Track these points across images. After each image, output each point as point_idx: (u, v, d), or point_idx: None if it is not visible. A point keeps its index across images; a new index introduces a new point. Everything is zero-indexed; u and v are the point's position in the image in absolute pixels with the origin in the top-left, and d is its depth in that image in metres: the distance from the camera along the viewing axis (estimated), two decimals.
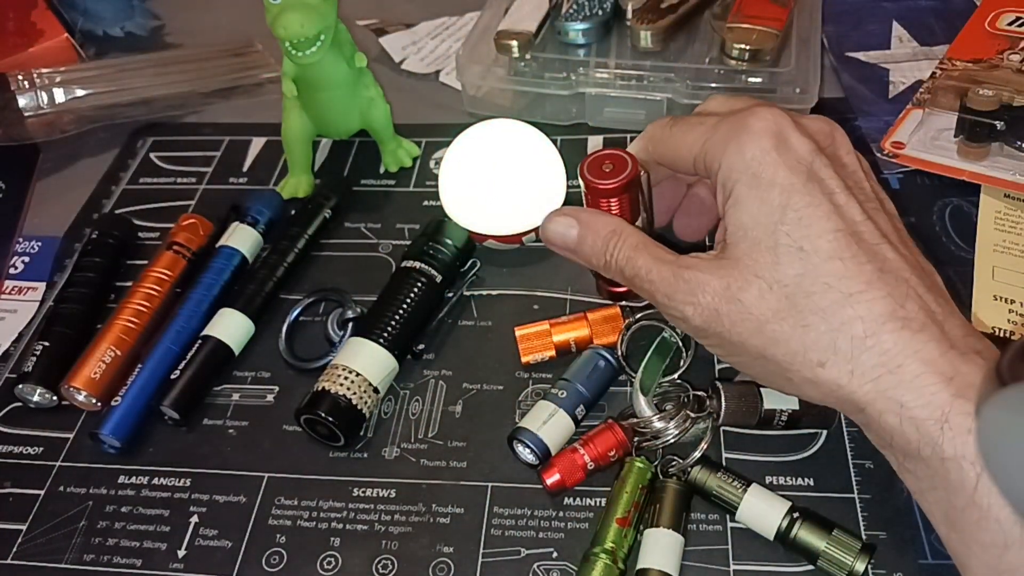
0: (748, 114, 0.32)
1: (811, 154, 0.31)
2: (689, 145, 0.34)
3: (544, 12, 0.54)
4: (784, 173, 0.30)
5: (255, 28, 0.58)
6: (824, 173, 0.31)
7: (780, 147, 0.31)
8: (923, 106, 0.50)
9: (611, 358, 0.39)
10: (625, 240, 0.34)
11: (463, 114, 0.55)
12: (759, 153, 0.31)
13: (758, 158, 0.31)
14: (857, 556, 0.32)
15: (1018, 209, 0.46)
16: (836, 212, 0.30)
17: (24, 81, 0.57)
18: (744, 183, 0.31)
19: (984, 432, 0.25)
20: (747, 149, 0.31)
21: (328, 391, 0.38)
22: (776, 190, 0.30)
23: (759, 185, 0.31)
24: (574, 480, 0.36)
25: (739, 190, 0.31)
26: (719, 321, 0.31)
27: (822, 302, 0.29)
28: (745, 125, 0.31)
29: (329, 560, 0.36)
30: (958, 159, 0.47)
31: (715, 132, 0.32)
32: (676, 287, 0.32)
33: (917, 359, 0.28)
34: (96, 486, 0.39)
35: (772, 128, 0.31)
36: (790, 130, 0.31)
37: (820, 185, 0.31)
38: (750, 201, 0.31)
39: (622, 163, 0.36)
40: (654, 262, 0.33)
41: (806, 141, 0.31)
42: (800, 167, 0.31)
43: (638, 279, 0.33)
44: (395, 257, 0.47)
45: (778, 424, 0.37)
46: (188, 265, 0.46)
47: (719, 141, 0.32)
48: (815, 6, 0.55)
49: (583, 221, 0.35)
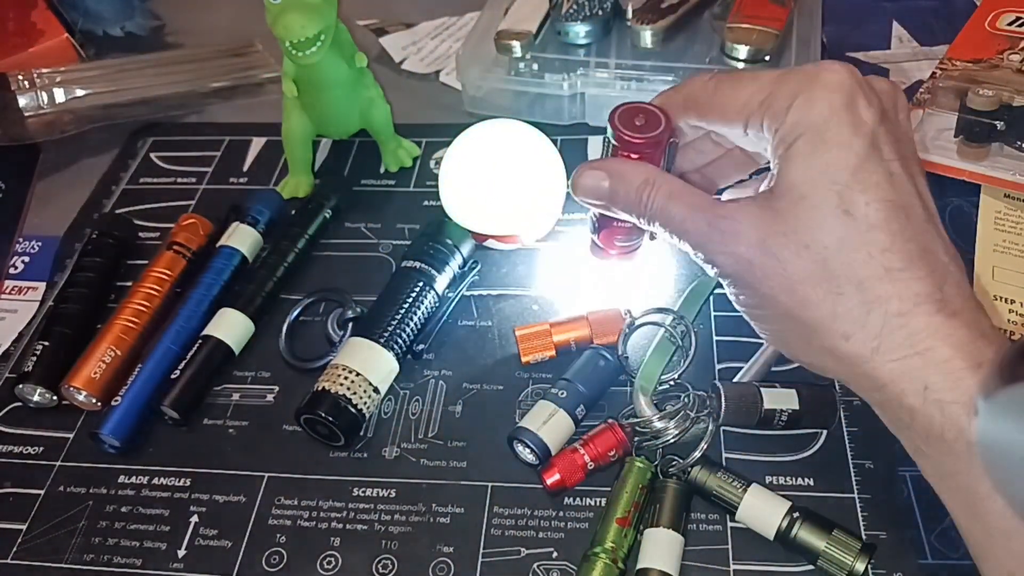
0: (820, 67, 0.31)
1: (876, 118, 0.30)
2: (745, 100, 0.32)
3: (544, 12, 0.54)
4: (848, 134, 0.30)
5: (255, 28, 0.58)
6: (884, 139, 0.30)
7: (849, 106, 0.30)
8: (923, 106, 0.50)
9: (611, 358, 0.39)
10: (659, 189, 0.33)
11: (463, 114, 0.55)
12: (828, 110, 0.30)
13: (826, 114, 0.30)
14: (857, 556, 0.32)
15: (1018, 209, 0.46)
16: (890, 181, 0.30)
17: (24, 81, 0.57)
18: (807, 138, 0.30)
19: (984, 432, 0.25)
20: (817, 103, 0.30)
21: (328, 391, 0.38)
22: (836, 150, 0.30)
23: (822, 143, 0.30)
24: (574, 480, 0.36)
25: (800, 144, 0.30)
26: (751, 272, 0.30)
27: (861, 272, 0.29)
28: (817, 78, 0.30)
29: (329, 560, 0.36)
30: (958, 159, 0.47)
31: (780, 85, 0.31)
32: (710, 236, 0.31)
33: (948, 343, 0.28)
34: (96, 486, 0.39)
35: (845, 84, 0.30)
36: (860, 91, 0.30)
37: (879, 152, 0.30)
38: (808, 157, 0.30)
39: (655, 119, 0.34)
40: (689, 210, 0.32)
41: (874, 104, 0.30)
42: (865, 129, 0.30)
43: (672, 227, 0.32)
44: (395, 257, 0.47)
45: (778, 424, 0.37)
46: (188, 265, 0.46)
47: (786, 93, 0.31)
48: (815, 6, 0.55)
49: (614, 172, 0.34)
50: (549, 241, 0.47)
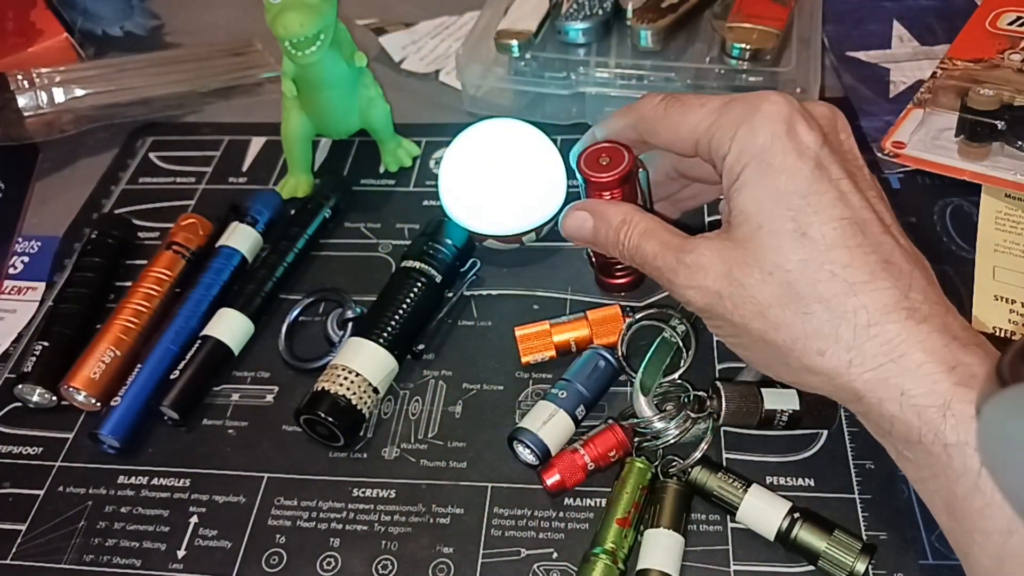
0: (759, 98, 0.32)
1: (819, 142, 0.31)
2: (691, 127, 0.33)
3: (544, 12, 0.54)
4: (793, 159, 0.30)
5: (255, 28, 0.58)
6: (829, 160, 0.31)
7: (790, 133, 0.31)
8: (924, 106, 0.50)
9: (611, 358, 0.39)
10: (634, 227, 0.34)
11: (463, 114, 0.55)
12: (769, 138, 0.31)
13: (768, 143, 0.31)
14: (858, 557, 0.32)
15: (1019, 209, 0.46)
16: (841, 199, 0.30)
17: (24, 81, 0.56)
18: (752, 167, 0.31)
19: (984, 432, 0.25)
20: (758, 133, 0.31)
21: (328, 391, 0.38)
22: (784, 176, 0.30)
23: (767, 170, 0.31)
24: (574, 480, 0.36)
25: (747, 174, 0.31)
26: (721, 303, 0.31)
27: (826, 290, 0.30)
28: (757, 108, 0.31)
29: (329, 560, 0.36)
30: (959, 159, 0.47)
31: (723, 114, 0.32)
32: (678, 272, 0.32)
33: (920, 348, 0.28)
34: (95, 486, 0.39)
35: (784, 113, 0.31)
36: (799, 116, 0.31)
37: (827, 172, 0.31)
38: (757, 186, 0.31)
39: (619, 156, 0.37)
40: (660, 247, 0.33)
41: (814, 128, 0.31)
42: (809, 153, 0.31)
43: (646, 265, 0.34)
44: (395, 257, 0.47)
45: (779, 424, 0.37)
46: (187, 265, 0.46)
47: (729, 124, 0.32)
48: (815, 6, 0.55)
49: (596, 212, 0.36)
50: (549, 241, 0.46)
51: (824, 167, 0.31)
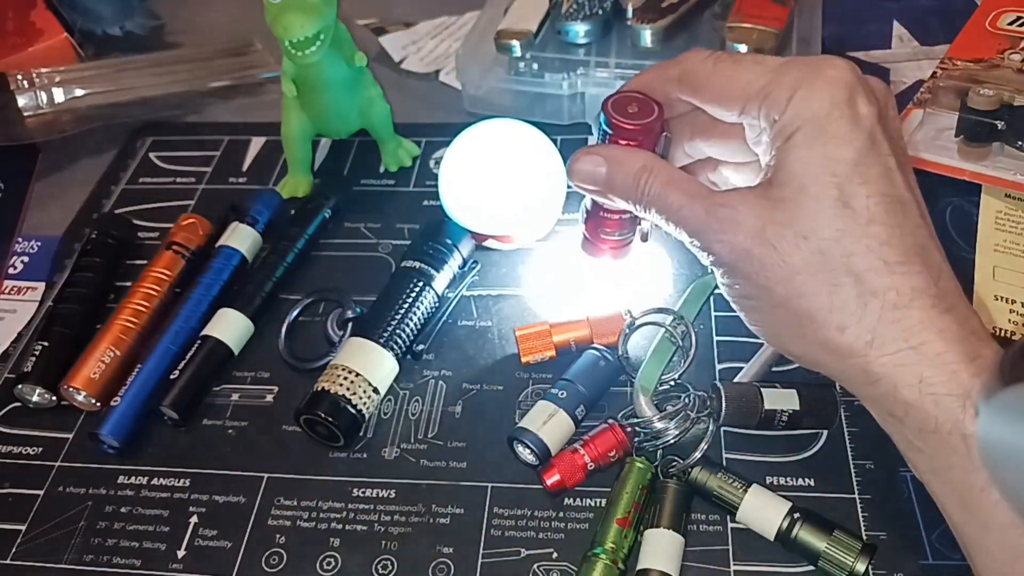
0: (824, 62, 0.31)
1: (874, 115, 0.31)
2: (744, 83, 0.32)
3: (544, 11, 0.54)
4: (848, 128, 0.30)
5: (255, 27, 0.58)
6: (881, 136, 0.31)
7: (851, 101, 0.30)
8: (924, 106, 0.50)
9: (611, 358, 0.39)
10: (656, 175, 0.33)
11: (463, 114, 0.55)
12: (829, 104, 0.30)
13: (827, 108, 0.30)
14: (858, 557, 0.32)
15: (1019, 209, 0.46)
16: (888, 177, 0.30)
17: (23, 81, 0.56)
18: (807, 130, 0.30)
19: (984, 432, 0.25)
20: (818, 96, 0.30)
21: (328, 391, 0.38)
22: (837, 143, 0.30)
23: (823, 135, 0.30)
24: (574, 480, 0.36)
25: (800, 136, 0.30)
26: (748, 261, 0.30)
27: (860, 264, 0.29)
28: (820, 72, 0.31)
29: (329, 560, 0.36)
30: (959, 159, 0.47)
31: (783, 73, 0.31)
32: (708, 224, 0.31)
33: (942, 337, 0.28)
34: (95, 486, 0.39)
35: (847, 80, 0.30)
36: (861, 87, 0.31)
37: (878, 147, 0.30)
38: (809, 149, 0.30)
39: (648, 108, 0.34)
40: (687, 198, 0.32)
41: (873, 101, 0.31)
42: (864, 124, 0.30)
43: (670, 215, 0.32)
44: (395, 257, 0.47)
45: (778, 424, 0.37)
46: (187, 265, 0.46)
47: (788, 83, 0.31)
48: (815, 5, 0.55)
49: (612, 158, 0.34)
50: (549, 241, 0.46)
51: (877, 141, 0.30)
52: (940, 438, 0.28)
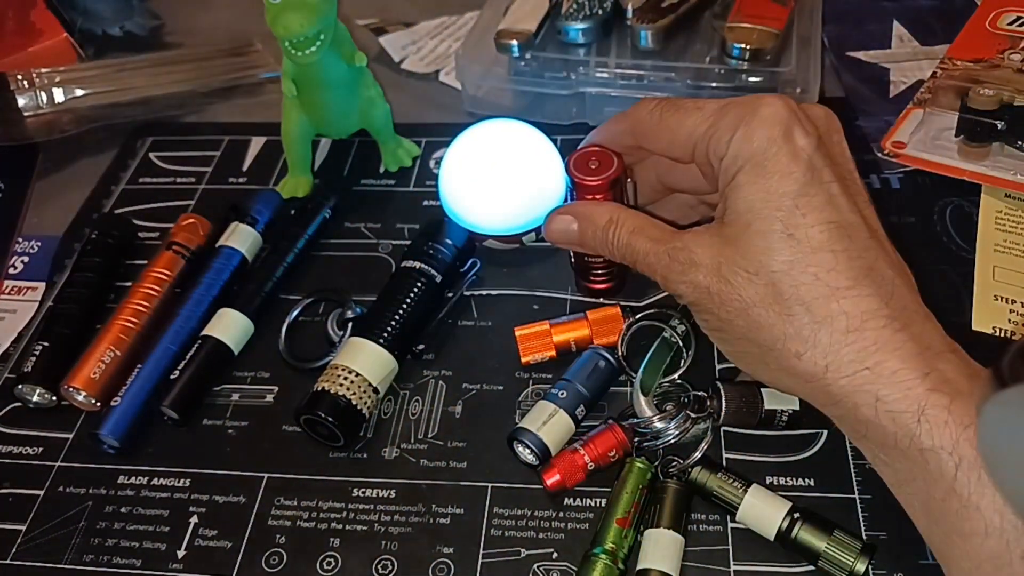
0: (757, 101, 0.32)
1: (813, 145, 0.32)
2: (688, 131, 0.34)
3: (544, 11, 0.54)
4: (786, 162, 0.31)
5: (255, 27, 0.58)
6: (822, 163, 0.31)
7: (786, 136, 0.31)
8: (924, 106, 0.50)
9: (611, 358, 0.39)
10: (622, 226, 0.35)
11: (463, 114, 0.55)
12: (766, 141, 0.31)
13: (764, 145, 0.31)
14: (858, 557, 0.32)
15: (1019, 209, 0.46)
16: (831, 203, 0.31)
17: (23, 81, 0.56)
18: (747, 170, 0.31)
19: (984, 432, 0.25)
20: (755, 135, 0.31)
21: (328, 391, 0.38)
22: (776, 178, 0.31)
23: (762, 172, 0.31)
24: (574, 480, 0.36)
25: (741, 176, 0.32)
26: (710, 298, 0.32)
27: (808, 294, 0.30)
28: (755, 112, 0.32)
29: (329, 560, 0.36)
30: (959, 159, 0.47)
31: (721, 117, 0.33)
32: (670, 267, 0.33)
33: (896, 356, 0.29)
34: (95, 486, 0.39)
35: (781, 116, 0.31)
36: (796, 120, 0.32)
37: (819, 176, 0.31)
38: (750, 187, 0.31)
39: (608, 160, 0.37)
40: (651, 243, 0.34)
41: (810, 132, 0.32)
42: (803, 156, 0.31)
43: (638, 262, 0.34)
44: (395, 257, 0.47)
45: (779, 424, 0.37)
46: (188, 265, 0.46)
47: (726, 127, 0.32)
48: (815, 6, 0.55)
49: (581, 214, 0.37)
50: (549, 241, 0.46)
51: (817, 170, 0.31)
52: (900, 452, 0.29)
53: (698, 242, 0.32)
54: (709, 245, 0.32)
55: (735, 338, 0.32)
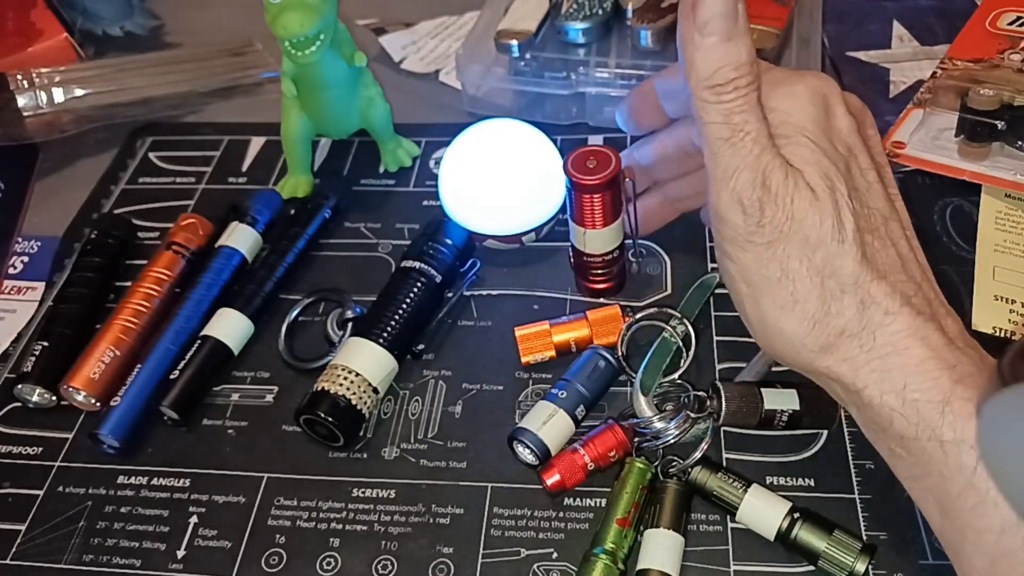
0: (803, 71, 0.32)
1: (852, 129, 0.31)
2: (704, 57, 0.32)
3: (544, 11, 0.54)
4: (825, 139, 0.30)
5: (255, 27, 0.58)
6: (860, 149, 0.31)
7: (828, 110, 0.31)
8: (924, 106, 0.50)
9: (611, 358, 0.39)
10: None
11: (463, 114, 0.55)
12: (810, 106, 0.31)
13: (809, 111, 0.30)
14: (858, 557, 0.32)
15: (1019, 209, 0.46)
16: (868, 190, 0.31)
17: (23, 81, 0.56)
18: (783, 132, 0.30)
19: (984, 432, 0.25)
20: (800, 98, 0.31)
21: (328, 391, 0.38)
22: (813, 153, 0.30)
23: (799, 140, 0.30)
24: (574, 480, 0.36)
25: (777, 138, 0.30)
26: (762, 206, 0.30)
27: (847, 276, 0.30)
28: (802, 77, 0.31)
29: (329, 560, 0.36)
30: (959, 159, 0.47)
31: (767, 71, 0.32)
32: None
33: (924, 345, 0.29)
34: (95, 486, 0.39)
35: (826, 89, 0.31)
36: (838, 98, 0.31)
37: (856, 160, 0.31)
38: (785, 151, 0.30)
39: (606, 160, 0.37)
40: None
41: (850, 115, 0.32)
42: (841, 136, 0.31)
43: None
44: (395, 257, 0.47)
45: (779, 424, 0.37)
46: (187, 265, 0.46)
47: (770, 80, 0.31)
48: (815, 6, 0.55)
49: None
50: (549, 241, 0.46)
51: (854, 154, 0.31)
52: (919, 444, 0.28)
53: None
54: None
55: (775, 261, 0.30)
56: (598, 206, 0.37)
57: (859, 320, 0.30)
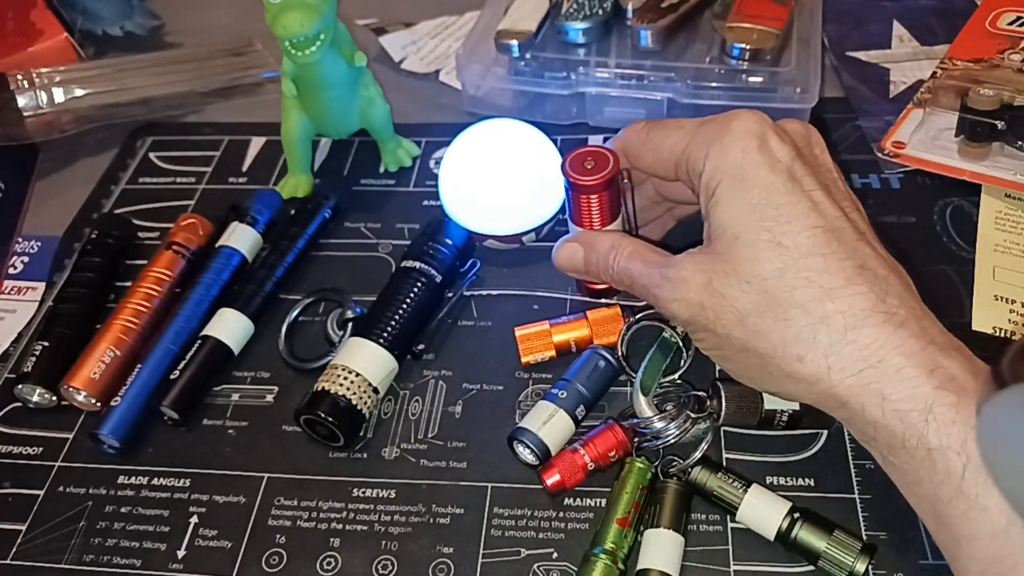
0: (730, 116, 0.33)
1: (790, 155, 0.32)
2: (670, 149, 0.35)
3: (544, 11, 0.54)
4: (765, 172, 0.31)
5: (255, 27, 0.58)
6: (802, 172, 0.32)
7: (762, 148, 0.32)
8: (924, 106, 0.50)
9: (611, 358, 0.39)
10: (621, 252, 0.36)
11: (463, 114, 0.55)
12: (741, 153, 0.32)
13: (740, 158, 0.32)
14: (858, 557, 0.32)
15: (1019, 209, 0.46)
16: (815, 209, 0.31)
17: (23, 81, 0.56)
18: (726, 183, 0.32)
19: (984, 432, 0.25)
20: (730, 149, 0.32)
21: (328, 391, 0.38)
22: (757, 189, 0.31)
23: (741, 184, 0.32)
24: (574, 480, 0.36)
25: (721, 190, 0.32)
26: (704, 314, 0.32)
27: (802, 297, 0.30)
28: (728, 127, 0.33)
29: (329, 560, 0.36)
30: (959, 159, 0.47)
31: (697, 134, 0.34)
32: (662, 287, 0.33)
33: (898, 353, 0.29)
34: (95, 486, 0.39)
35: (755, 129, 0.32)
36: (771, 132, 0.32)
37: (799, 184, 0.32)
38: (731, 200, 0.32)
39: (604, 160, 0.37)
40: (645, 267, 0.34)
41: (786, 143, 0.32)
42: (780, 166, 0.32)
43: (634, 285, 0.35)
44: (395, 257, 0.47)
45: (778, 424, 0.37)
46: (187, 265, 0.46)
47: (702, 143, 0.33)
48: (815, 6, 0.55)
49: (586, 243, 0.37)
50: (549, 241, 0.46)
51: (796, 179, 0.32)
52: (908, 453, 0.29)
53: (688, 260, 0.33)
54: (700, 262, 0.32)
55: (735, 352, 0.32)
56: (596, 207, 0.37)
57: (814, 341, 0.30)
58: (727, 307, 0.31)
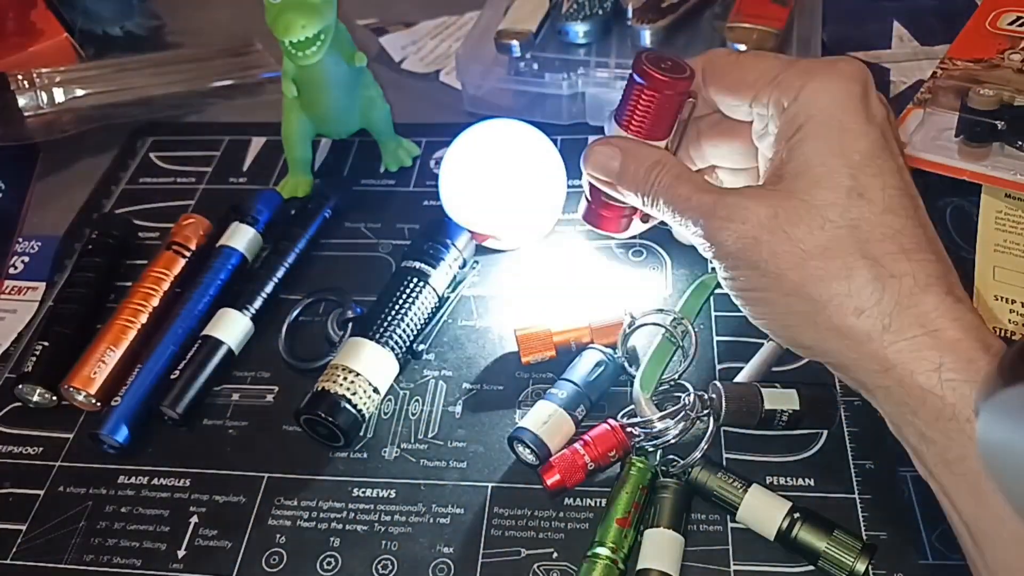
0: (837, 58, 0.32)
1: (884, 114, 0.32)
2: (761, 71, 0.33)
3: (544, 11, 0.54)
4: (862, 122, 0.31)
5: (255, 28, 0.58)
6: (891, 136, 0.32)
7: (864, 97, 0.31)
8: (924, 106, 0.50)
9: (611, 358, 0.39)
10: (668, 170, 0.34)
11: (463, 114, 0.55)
12: (845, 97, 0.31)
13: (842, 100, 0.31)
14: (858, 557, 0.32)
15: (1019, 209, 0.46)
16: (900, 172, 0.31)
17: (24, 81, 0.57)
18: (820, 120, 0.31)
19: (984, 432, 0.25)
20: (834, 89, 0.31)
21: (328, 391, 0.38)
22: (853, 136, 0.31)
23: (838, 127, 0.31)
24: (574, 480, 0.36)
25: (812, 127, 0.31)
26: (757, 250, 0.31)
27: (877, 250, 0.29)
28: (835, 67, 0.32)
29: (329, 560, 0.36)
30: (959, 159, 0.47)
31: (796, 64, 0.33)
32: (715, 212, 0.32)
33: (958, 325, 0.29)
34: (96, 486, 0.39)
35: (861, 77, 0.32)
36: (872, 87, 0.32)
37: (890, 145, 0.31)
38: (823, 140, 0.31)
39: (681, 69, 0.34)
40: (696, 190, 0.33)
41: (883, 102, 0.32)
42: (876, 121, 0.31)
43: (678, 207, 0.33)
44: (395, 257, 0.47)
45: (779, 424, 0.37)
46: (188, 265, 0.46)
47: (800, 73, 0.32)
48: (815, 5, 0.55)
49: (627, 151, 0.35)
50: (549, 241, 0.46)
51: (888, 139, 0.31)
52: (957, 426, 0.28)
53: (751, 193, 0.32)
54: (765, 196, 0.31)
55: (781, 295, 0.31)
56: (654, 110, 0.34)
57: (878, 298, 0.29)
58: (790, 246, 0.30)
